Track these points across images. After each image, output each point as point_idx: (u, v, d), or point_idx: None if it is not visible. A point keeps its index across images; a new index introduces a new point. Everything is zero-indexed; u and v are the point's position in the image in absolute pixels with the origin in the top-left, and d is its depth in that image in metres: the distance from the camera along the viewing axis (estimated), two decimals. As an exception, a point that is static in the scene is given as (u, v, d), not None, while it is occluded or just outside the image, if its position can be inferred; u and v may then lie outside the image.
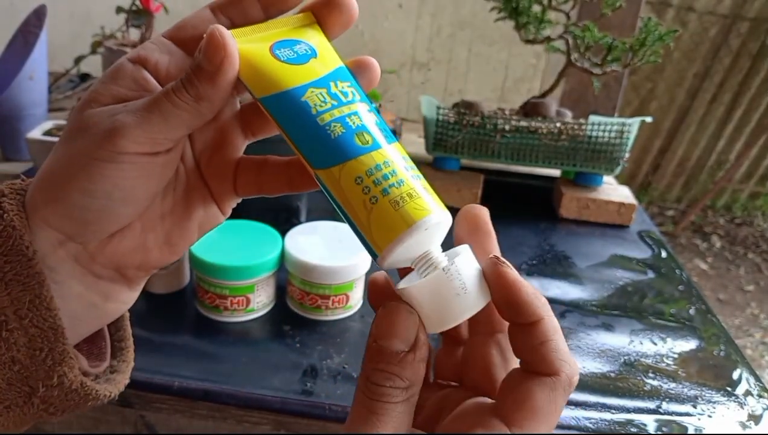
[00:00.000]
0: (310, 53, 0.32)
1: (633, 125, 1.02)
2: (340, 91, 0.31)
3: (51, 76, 1.18)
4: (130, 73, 0.31)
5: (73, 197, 0.29)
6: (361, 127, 0.30)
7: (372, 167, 0.29)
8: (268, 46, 0.31)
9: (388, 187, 0.29)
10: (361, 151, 0.29)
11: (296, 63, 0.31)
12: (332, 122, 0.30)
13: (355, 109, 0.30)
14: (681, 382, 0.69)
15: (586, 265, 0.92)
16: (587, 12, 1.08)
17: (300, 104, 0.30)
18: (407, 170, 0.30)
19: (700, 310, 0.84)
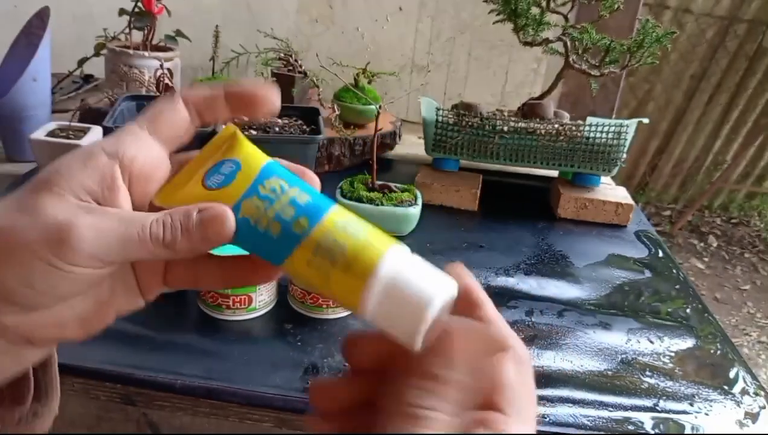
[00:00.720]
0: (235, 168, 0.34)
1: (630, 126, 1.03)
2: (269, 191, 0.33)
3: (54, 78, 1.19)
4: (102, 166, 0.30)
5: (10, 285, 0.28)
6: (295, 216, 0.32)
7: (315, 247, 0.31)
8: (200, 181, 0.33)
9: (334, 257, 0.31)
10: (301, 237, 0.31)
11: (226, 184, 0.33)
12: (270, 223, 0.32)
13: (286, 200, 0.32)
14: (678, 381, 0.69)
15: (583, 265, 0.93)
16: (585, 14, 1.09)
17: (240, 222, 0.32)
18: (346, 231, 0.31)
19: (697, 309, 0.85)
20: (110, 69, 1.16)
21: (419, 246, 0.93)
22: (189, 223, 0.30)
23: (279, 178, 0.33)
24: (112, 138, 0.31)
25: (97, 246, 0.28)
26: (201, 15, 1.51)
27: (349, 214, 0.33)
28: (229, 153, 0.35)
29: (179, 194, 0.33)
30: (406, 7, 1.52)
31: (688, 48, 3.25)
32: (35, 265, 0.28)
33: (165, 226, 0.30)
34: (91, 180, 0.30)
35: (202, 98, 0.33)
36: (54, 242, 0.28)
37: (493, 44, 1.52)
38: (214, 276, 0.35)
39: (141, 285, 0.34)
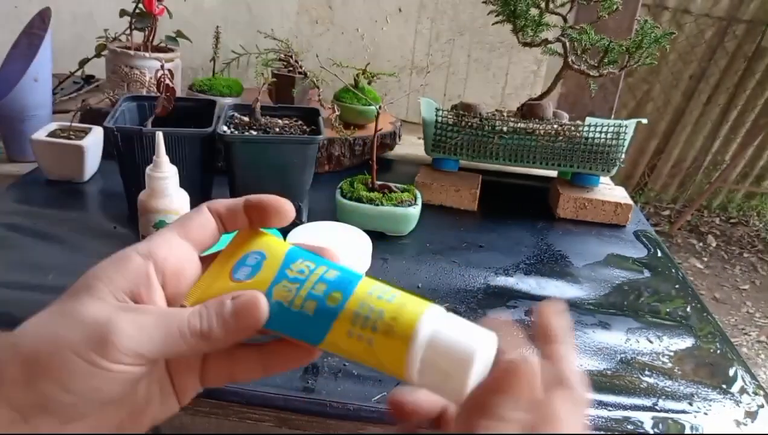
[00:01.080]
0: (261, 258, 0.36)
1: (629, 127, 1.03)
2: (297, 272, 0.34)
3: (55, 78, 1.19)
4: (137, 267, 0.32)
5: (49, 391, 0.29)
6: (327, 290, 0.33)
7: (353, 317, 0.32)
8: (228, 276, 0.35)
9: (375, 324, 0.32)
10: (337, 310, 0.32)
11: (254, 275, 0.35)
12: (304, 302, 0.33)
13: (315, 278, 0.34)
14: (677, 380, 0.69)
15: (583, 265, 0.93)
16: (584, 15, 1.09)
17: (274, 306, 0.33)
18: (380, 298, 0.33)
19: (696, 308, 0.85)
20: (111, 70, 1.16)
21: (419, 246, 0.93)
22: (224, 311, 0.32)
23: (304, 260, 0.35)
24: (144, 242, 0.33)
25: (138, 341, 0.29)
26: (201, 16, 1.51)
27: (378, 282, 0.34)
28: (252, 246, 0.36)
29: (209, 292, 0.34)
30: (405, 9, 1.53)
31: (686, 48, 3.25)
32: (77, 366, 0.28)
33: (201, 316, 0.32)
34: (127, 281, 0.31)
35: (225, 209, 0.36)
36: (96, 340, 0.29)
37: (492, 46, 1.52)
38: (251, 365, 0.36)
39: (177, 388, 0.35)
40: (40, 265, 0.77)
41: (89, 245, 0.84)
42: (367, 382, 0.63)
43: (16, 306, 0.69)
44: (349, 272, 0.34)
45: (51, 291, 0.72)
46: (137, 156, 0.82)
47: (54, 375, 0.28)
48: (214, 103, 0.94)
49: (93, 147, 0.99)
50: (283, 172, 0.86)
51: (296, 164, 0.86)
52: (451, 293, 0.81)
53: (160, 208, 0.71)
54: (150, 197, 0.71)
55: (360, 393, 0.62)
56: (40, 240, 0.84)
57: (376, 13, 1.54)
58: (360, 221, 0.87)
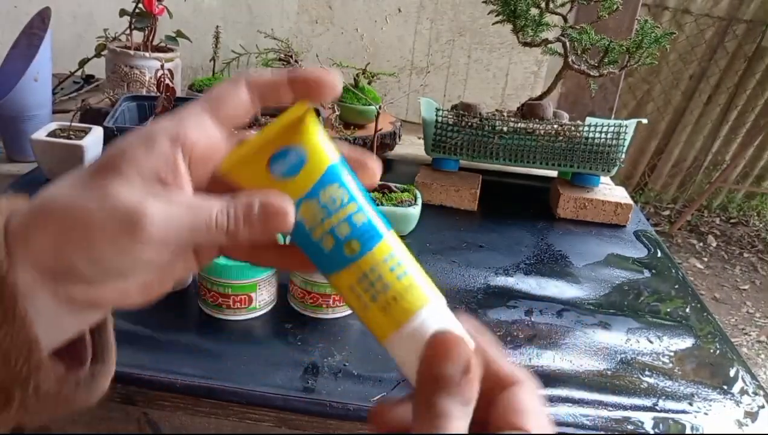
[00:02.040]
0: (300, 162, 0.33)
1: (629, 127, 1.03)
2: (329, 200, 0.33)
3: (55, 78, 1.19)
4: (164, 151, 0.31)
5: (78, 264, 0.29)
6: (348, 236, 0.33)
7: (361, 277, 0.32)
8: (265, 163, 0.33)
9: (376, 294, 0.32)
10: (349, 261, 0.32)
11: (290, 176, 0.33)
12: (324, 236, 0.33)
13: (343, 216, 0.33)
14: (677, 380, 0.69)
15: (583, 265, 0.93)
16: (584, 15, 1.09)
17: (297, 222, 0.33)
18: (392, 271, 0.33)
19: (696, 308, 0.85)
20: (111, 69, 1.16)
21: (419, 246, 0.93)
22: (251, 214, 0.31)
23: (340, 187, 0.34)
24: (173, 120, 0.32)
25: (166, 232, 0.30)
26: (201, 16, 1.51)
27: (400, 246, 0.34)
28: (298, 138, 0.34)
29: (244, 172, 0.33)
30: (405, 9, 1.53)
31: (687, 48, 3.25)
32: (106, 247, 0.29)
33: (229, 216, 0.31)
34: (155, 165, 0.30)
35: (266, 82, 0.34)
36: (126, 227, 0.29)
37: (492, 47, 1.52)
38: (271, 257, 0.36)
39: (199, 257, 0.35)
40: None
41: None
42: (367, 382, 0.63)
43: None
44: (373, 226, 0.33)
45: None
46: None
47: (83, 251, 0.29)
48: (214, 103, 0.94)
49: (93, 147, 0.99)
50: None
51: (296, 164, 0.86)
52: (451, 293, 0.81)
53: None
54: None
55: (360, 393, 0.62)
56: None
57: (375, 13, 1.54)
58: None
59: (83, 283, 0.30)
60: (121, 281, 0.32)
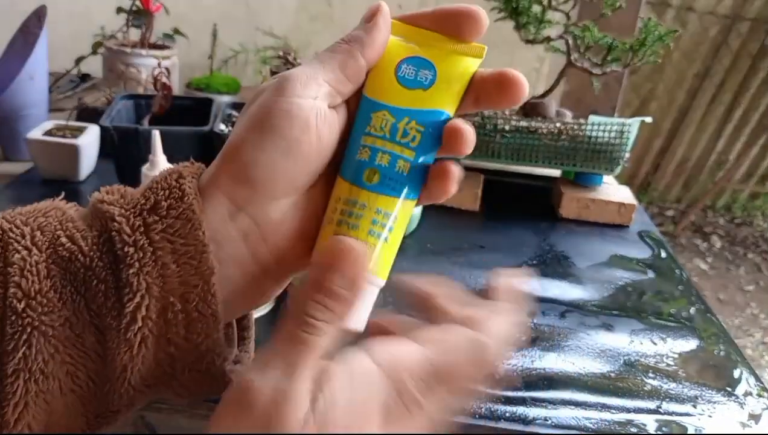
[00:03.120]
0: (426, 84, 0.33)
1: (633, 125, 1.02)
2: (402, 129, 0.33)
3: (51, 77, 1.18)
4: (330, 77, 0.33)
5: (244, 154, 0.32)
6: (381, 166, 0.33)
7: (352, 200, 0.33)
8: (402, 57, 0.34)
9: (344, 221, 0.33)
10: (357, 181, 0.33)
11: (401, 84, 0.33)
12: (367, 147, 0.33)
13: (393, 150, 0.33)
14: (681, 382, 0.69)
15: (586, 265, 0.92)
16: (587, 12, 1.08)
17: (366, 116, 0.33)
18: (373, 224, 0.33)
19: (700, 310, 0.84)
20: (107, 67, 1.16)
21: (420, 246, 0.92)
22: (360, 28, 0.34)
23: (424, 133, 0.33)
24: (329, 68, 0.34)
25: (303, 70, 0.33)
26: (199, 13, 1.51)
27: (401, 218, 0.34)
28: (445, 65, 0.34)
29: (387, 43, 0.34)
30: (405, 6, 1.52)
31: (690, 47, 3.24)
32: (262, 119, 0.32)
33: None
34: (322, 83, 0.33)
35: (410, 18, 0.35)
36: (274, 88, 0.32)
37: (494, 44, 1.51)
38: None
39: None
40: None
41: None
42: (365, 385, 0.62)
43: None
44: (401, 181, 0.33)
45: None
46: (134, 155, 0.82)
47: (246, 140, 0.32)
48: (211, 101, 0.93)
49: (89, 146, 0.99)
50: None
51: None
52: (451, 294, 0.80)
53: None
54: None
55: (358, 396, 0.61)
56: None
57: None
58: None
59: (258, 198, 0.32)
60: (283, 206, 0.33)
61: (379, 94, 0.33)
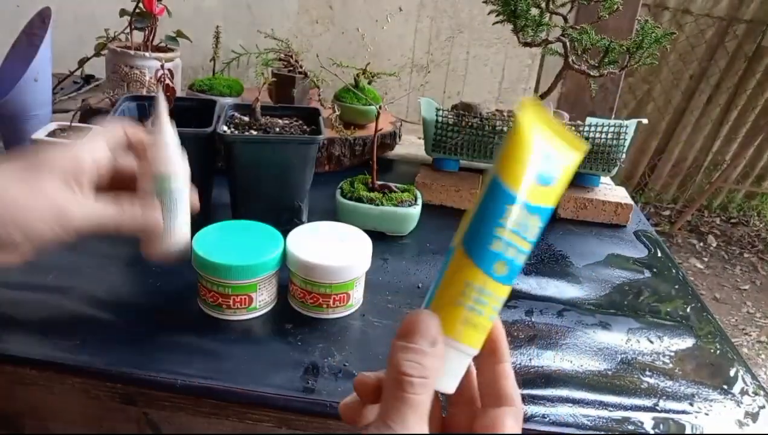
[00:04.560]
0: (550, 182, 0.36)
1: (630, 126, 1.03)
2: (530, 226, 0.35)
3: (55, 78, 1.18)
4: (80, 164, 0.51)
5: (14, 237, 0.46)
6: (509, 260, 0.35)
7: (481, 287, 0.35)
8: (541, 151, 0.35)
9: (473, 307, 0.36)
10: (489, 271, 0.35)
11: (536, 181, 0.35)
12: (500, 239, 0.35)
13: (521, 245, 0.35)
14: (678, 380, 0.69)
15: (583, 265, 0.93)
16: (584, 15, 1.09)
17: (501, 207, 0.35)
18: (494, 311, 0.37)
19: (696, 308, 0.85)
20: (111, 69, 1.16)
21: (419, 246, 0.93)
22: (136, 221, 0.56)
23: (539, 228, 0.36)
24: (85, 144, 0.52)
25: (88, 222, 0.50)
26: (202, 16, 1.51)
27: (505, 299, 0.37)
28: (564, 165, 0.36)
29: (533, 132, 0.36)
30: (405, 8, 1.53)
31: (687, 48, 3.25)
32: (40, 228, 0.47)
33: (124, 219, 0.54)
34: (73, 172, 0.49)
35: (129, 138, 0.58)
36: (58, 219, 0.47)
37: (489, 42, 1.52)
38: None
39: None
40: (40, 265, 0.77)
41: (89, 245, 0.84)
42: (367, 383, 0.63)
43: (16, 306, 0.69)
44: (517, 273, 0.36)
45: (51, 291, 0.73)
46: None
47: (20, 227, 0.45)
48: (214, 103, 0.94)
49: (93, 147, 0.99)
50: (283, 172, 0.86)
51: (296, 164, 0.86)
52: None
53: (160, 171, 0.60)
54: (154, 158, 0.59)
55: (360, 393, 0.62)
56: (40, 240, 0.83)
57: (376, 12, 1.54)
58: (360, 221, 0.87)
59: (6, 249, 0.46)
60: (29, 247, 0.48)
61: (517, 187, 0.35)
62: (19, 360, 0.63)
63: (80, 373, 0.62)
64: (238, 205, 0.87)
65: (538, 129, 0.36)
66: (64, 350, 0.64)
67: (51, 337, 0.65)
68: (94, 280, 0.76)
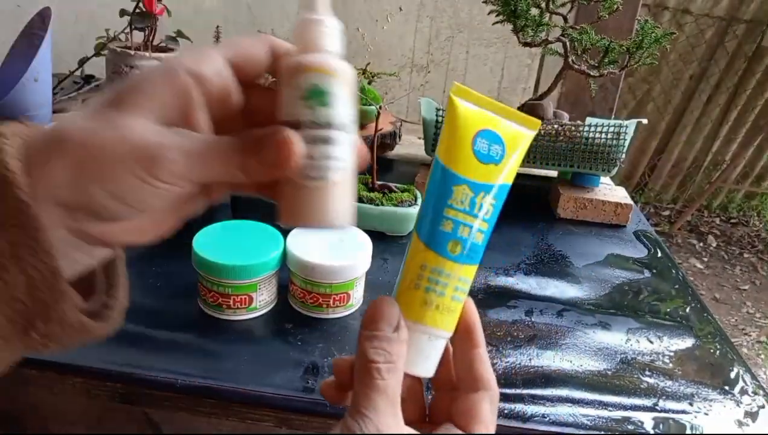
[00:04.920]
0: (497, 159, 0.37)
1: (629, 127, 1.03)
2: (479, 204, 0.36)
3: (55, 78, 1.18)
4: (183, 86, 0.31)
5: (96, 198, 0.30)
6: (463, 239, 0.36)
7: (436, 268, 0.36)
8: (477, 130, 0.37)
9: (431, 288, 0.37)
10: (442, 252, 0.36)
11: (478, 159, 0.36)
12: (450, 219, 0.36)
13: (473, 223, 0.37)
14: (677, 380, 0.69)
15: (583, 265, 0.93)
16: (584, 15, 1.09)
17: (446, 188, 0.36)
18: (456, 290, 0.37)
19: (696, 308, 0.85)
20: (111, 69, 1.16)
21: (419, 246, 0.93)
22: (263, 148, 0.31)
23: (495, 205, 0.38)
24: (192, 57, 0.32)
25: (185, 169, 0.30)
26: (202, 16, 1.51)
27: (471, 279, 0.38)
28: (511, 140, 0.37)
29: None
30: (405, 8, 1.53)
31: (687, 48, 3.25)
32: (127, 180, 0.30)
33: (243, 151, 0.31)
34: (171, 99, 0.31)
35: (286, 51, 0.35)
36: (146, 162, 0.29)
37: (489, 42, 1.53)
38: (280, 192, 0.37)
39: (213, 194, 0.37)
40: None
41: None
42: (367, 383, 0.63)
43: (16, 306, 0.69)
44: (479, 252, 0.38)
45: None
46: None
47: (103, 184, 0.30)
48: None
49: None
50: (283, 172, 0.86)
51: (296, 164, 0.86)
52: (451, 293, 0.81)
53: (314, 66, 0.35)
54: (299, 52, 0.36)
55: (360, 393, 0.62)
56: (40, 240, 0.83)
57: (376, 12, 1.54)
58: (360, 221, 0.87)
59: (99, 220, 0.31)
60: (136, 217, 0.32)
61: (458, 167, 0.36)
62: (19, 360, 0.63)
63: (80, 373, 0.62)
64: (238, 205, 0.87)
65: (474, 109, 0.37)
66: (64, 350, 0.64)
67: (51, 337, 0.65)
68: (94, 280, 0.76)
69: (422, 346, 0.37)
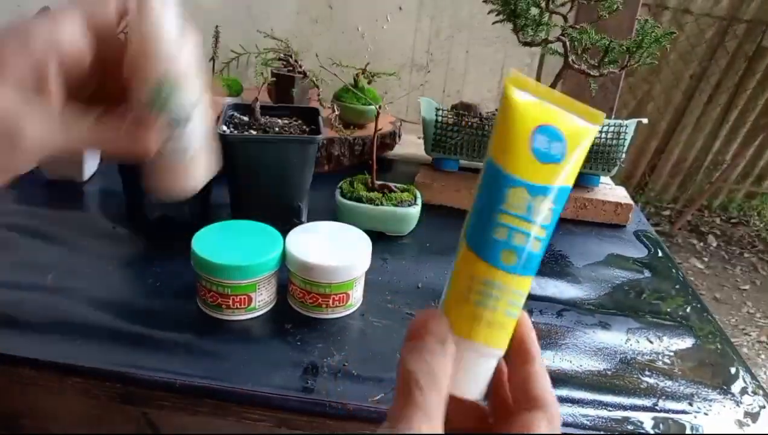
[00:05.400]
0: (558, 158, 0.33)
1: (630, 126, 1.03)
2: (536, 209, 0.33)
3: (53, 78, 1.18)
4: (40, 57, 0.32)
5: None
6: (518, 248, 0.33)
7: (488, 280, 0.33)
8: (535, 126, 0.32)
9: (483, 304, 0.33)
10: (495, 262, 0.33)
11: (536, 158, 0.32)
12: (504, 226, 0.32)
13: (529, 230, 0.33)
14: (677, 380, 0.70)
15: (583, 265, 0.93)
16: (585, 14, 1.09)
17: (500, 191, 0.32)
18: (509, 305, 0.34)
19: (696, 308, 0.85)
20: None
21: (419, 246, 0.93)
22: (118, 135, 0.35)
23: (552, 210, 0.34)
24: (47, 23, 0.33)
25: (42, 141, 0.32)
26: (201, 16, 1.51)
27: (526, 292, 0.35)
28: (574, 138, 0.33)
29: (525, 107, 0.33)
30: (405, 7, 1.53)
31: (687, 48, 3.25)
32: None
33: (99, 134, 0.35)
34: (28, 67, 0.32)
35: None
36: (5, 137, 0.31)
37: (489, 41, 1.52)
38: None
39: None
40: (40, 265, 0.77)
41: (89, 245, 0.84)
42: (367, 383, 0.63)
43: (16, 306, 0.69)
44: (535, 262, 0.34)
45: (50, 291, 0.73)
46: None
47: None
48: (213, 103, 0.94)
49: (92, 146, 0.99)
50: (282, 172, 0.86)
51: (296, 164, 0.86)
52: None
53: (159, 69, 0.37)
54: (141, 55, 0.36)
55: (359, 393, 0.62)
56: (40, 240, 0.84)
57: (376, 12, 1.54)
58: (360, 221, 0.87)
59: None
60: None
61: (514, 167, 0.32)
62: (19, 360, 0.63)
63: (80, 373, 0.62)
64: (237, 205, 0.87)
65: (533, 101, 0.33)
66: (64, 350, 0.64)
67: (51, 337, 0.65)
68: (94, 280, 0.76)
69: (471, 365, 0.34)
